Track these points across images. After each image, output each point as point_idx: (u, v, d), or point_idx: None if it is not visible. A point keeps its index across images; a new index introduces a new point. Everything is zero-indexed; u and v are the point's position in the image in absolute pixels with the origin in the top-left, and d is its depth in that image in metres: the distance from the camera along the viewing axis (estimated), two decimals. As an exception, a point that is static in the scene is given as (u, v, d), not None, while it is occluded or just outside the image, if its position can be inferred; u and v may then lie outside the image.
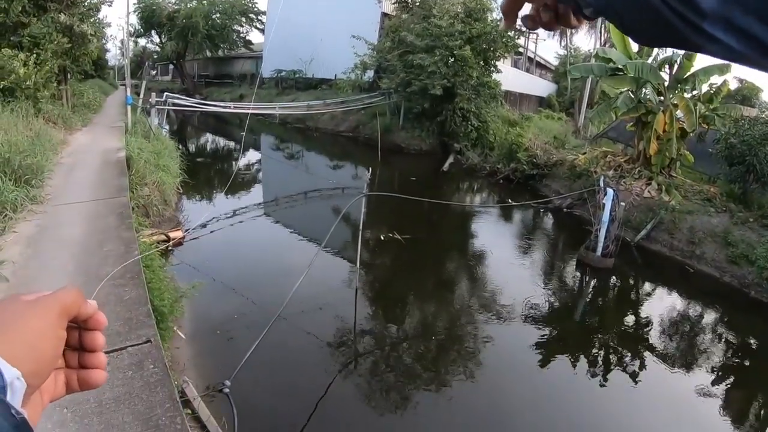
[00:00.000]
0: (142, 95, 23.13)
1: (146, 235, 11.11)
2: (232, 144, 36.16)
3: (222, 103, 32.23)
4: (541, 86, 54.51)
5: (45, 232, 9.13)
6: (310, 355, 9.01)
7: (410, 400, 8.20)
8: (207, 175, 23.96)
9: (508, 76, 36.74)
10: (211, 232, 14.60)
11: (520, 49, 45.41)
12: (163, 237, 12.17)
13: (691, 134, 19.21)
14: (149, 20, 57.05)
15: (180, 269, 11.07)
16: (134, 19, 55.17)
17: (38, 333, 0.74)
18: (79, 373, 0.85)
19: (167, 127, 23.21)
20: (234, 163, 29.35)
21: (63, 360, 0.84)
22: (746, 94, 45.83)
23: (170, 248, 12.22)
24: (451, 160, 28.72)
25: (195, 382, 7.11)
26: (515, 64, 48.60)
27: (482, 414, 8.01)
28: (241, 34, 60.42)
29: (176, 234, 12.74)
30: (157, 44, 62.74)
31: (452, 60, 28.60)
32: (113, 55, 59.43)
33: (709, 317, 12.98)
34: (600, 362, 10.13)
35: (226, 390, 6.54)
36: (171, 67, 70.17)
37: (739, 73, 59.07)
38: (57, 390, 0.83)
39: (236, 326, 9.29)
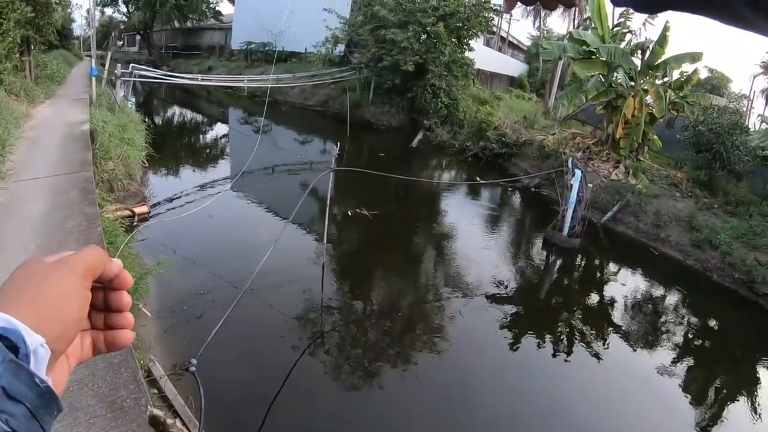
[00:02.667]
0: (107, 66, 22.65)
1: (110, 211, 10.92)
2: (199, 117, 35.72)
3: (189, 75, 31.70)
4: (512, 66, 54.52)
5: (6, 208, 8.92)
6: (277, 331, 8.99)
7: (377, 377, 8.25)
8: (173, 148, 23.62)
9: (480, 55, 36.59)
10: (178, 206, 14.43)
11: (493, 29, 45.30)
12: (128, 212, 11.98)
13: (660, 120, 19.43)
14: (116, -12, 55.78)
15: (145, 245, 10.88)
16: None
17: (62, 295, 0.73)
18: (106, 334, 0.85)
19: (133, 99, 22.77)
20: (201, 136, 29.05)
21: (88, 321, 0.83)
22: (716, 84, 46.72)
23: (135, 223, 12.03)
24: (420, 136, 28.69)
25: (162, 361, 7.04)
26: (487, 43, 48.46)
27: (448, 388, 8.11)
28: (211, 5, 58.79)
29: (141, 209, 12.55)
30: (124, 14, 60.95)
31: (425, 36, 28.46)
32: (79, 24, 58.21)
33: (672, 299, 13.23)
34: (565, 340, 10.30)
35: (192, 369, 6.44)
36: (138, 38, 68.31)
37: (709, 63, 59.90)
38: (83, 352, 0.82)
39: (203, 302, 9.20)
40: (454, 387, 8.15)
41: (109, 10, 62.05)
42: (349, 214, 14.77)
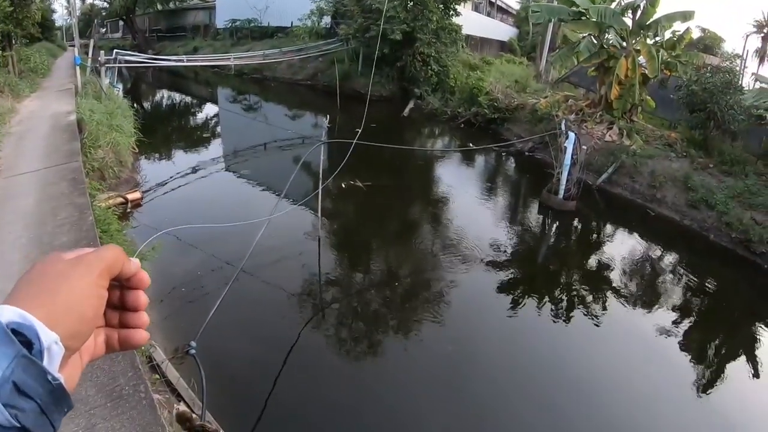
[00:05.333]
0: (90, 54, 22.39)
1: (103, 200, 10.84)
2: (187, 99, 35.47)
3: (175, 57, 31.44)
4: (502, 31, 54.23)
5: (-4, 206, 8.81)
6: (277, 307, 9.00)
7: (380, 347, 8.31)
8: (164, 132, 23.48)
9: (469, 20, 36.40)
10: (172, 190, 14.37)
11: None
12: (121, 199, 11.90)
13: (653, 80, 19.33)
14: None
15: (140, 231, 10.85)
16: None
17: (79, 294, 0.72)
18: (120, 333, 0.85)
19: (120, 86, 22.55)
20: (191, 118, 28.87)
21: (103, 319, 0.83)
22: (708, 44, 46.51)
23: (129, 210, 11.97)
24: (411, 105, 28.61)
25: (163, 345, 7.04)
26: (476, 8, 48.14)
27: (451, 355, 8.14)
28: (192, -17, 58.29)
29: (134, 195, 12.49)
30: (105, 0, 60.17)
31: (411, 4, 28.24)
32: (60, 15, 57.35)
33: (669, 259, 13.28)
34: (564, 303, 10.35)
35: (192, 351, 6.44)
36: (121, 23, 67.31)
37: (701, 22, 59.43)
38: (97, 350, 0.82)
39: (201, 283, 9.21)
40: (456, 353, 8.19)
41: (89, -3, 61.23)
42: (343, 186, 14.70)
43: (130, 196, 12.23)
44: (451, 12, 30.69)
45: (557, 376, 7.89)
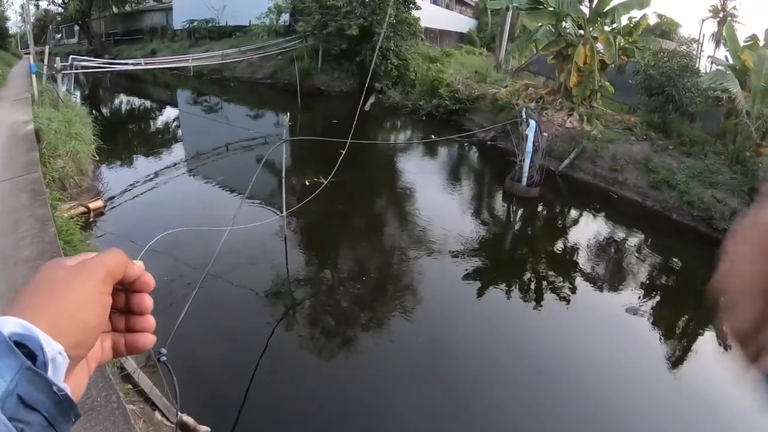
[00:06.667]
0: (46, 61, 22.01)
1: (64, 210, 10.65)
2: (147, 102, 35.08)
3: (133, 61, 31.07)
4: (461, 22, 54.53)
5: (-47, 222, 8.62)
6: (246, 309, 8.98)
7: (352, 342, 8.30)
8: (124, 138, 23.14)
9: (428, 13, 36.49)
10: (134, 197, 14.19)
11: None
12: (83, 209, 11.69)
13: (611, 66, 19.65)
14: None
15: (104, 240, 10.69)
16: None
17: (82, 301, 0.71)
18: (127, 337, 0.84)
19: (77, 92, 22.10)
20: (152, 122, 28.59)
21: (109, 324, 0.82)
22: (665, 29, 47.32)
23: (92, 219, 11.79)
24: (372, 99, 28.59)
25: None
26: (435, 1, 48.20)
27: (425, 346, 8.18)
28: (148, -15, 57.31)
29: (96, 204, 12.24)
30: (59, 5, 58.32)
31: (368, -1, 28.17)
32: (14, 22, 56.03)
33: (634, 240, 13.51)
34: (532, 288, 10.50)
35: (164, 358, 6.38)
36: (77, 28, 65.60)
37: (658, 9, 60.20)
38: (104, 355, 0.82)
39: (169, 289, 9.02)
40: (430, 344, 8.24)
41: (44, 3, 59.70)
42: (307, 183, 14.66)
43: (92, 205, 12.01)
44: (411, 5, 30.72)
45: (529, 360, 7.99)
